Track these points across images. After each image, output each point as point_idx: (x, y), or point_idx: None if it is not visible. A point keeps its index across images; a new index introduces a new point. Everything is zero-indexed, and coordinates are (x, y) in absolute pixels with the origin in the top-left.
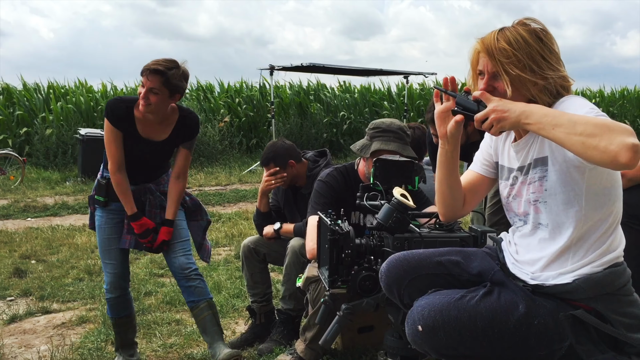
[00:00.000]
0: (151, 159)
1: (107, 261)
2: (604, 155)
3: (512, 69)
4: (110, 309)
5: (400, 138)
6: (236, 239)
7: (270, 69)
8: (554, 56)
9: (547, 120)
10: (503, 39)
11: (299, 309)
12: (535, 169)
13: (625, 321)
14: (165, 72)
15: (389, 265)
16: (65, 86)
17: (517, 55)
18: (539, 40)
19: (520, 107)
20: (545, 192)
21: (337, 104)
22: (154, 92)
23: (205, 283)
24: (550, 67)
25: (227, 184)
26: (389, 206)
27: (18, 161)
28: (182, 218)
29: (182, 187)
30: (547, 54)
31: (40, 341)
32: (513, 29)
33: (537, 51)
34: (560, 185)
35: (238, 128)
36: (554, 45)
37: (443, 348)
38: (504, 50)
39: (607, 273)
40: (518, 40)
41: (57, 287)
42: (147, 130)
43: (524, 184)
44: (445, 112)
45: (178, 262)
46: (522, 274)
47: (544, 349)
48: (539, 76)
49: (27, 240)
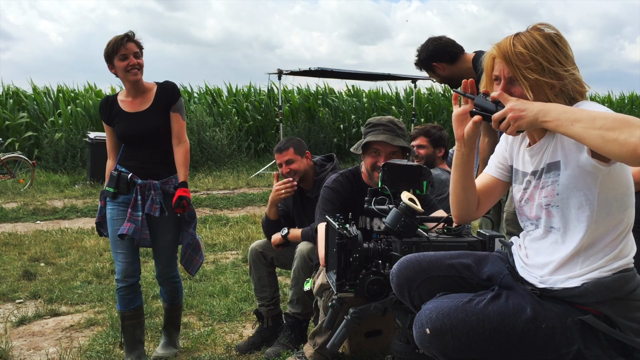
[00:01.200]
0: (146, 134)
1: (117, 251)
2: (624, 148)
3: (530, 74)
4: (120, 300)
5: (390, 130)
6: (244, 243)
7: (279, 74)
8: (569, 60)
9: (566, 117)
10: (519, 43)
11: (306, 313)
12: (548, 173)
13: (634, 326)
14: (132, 37)
15: (400, 267)
16: (74, 90)
17: (534, 59)
18: (554, 44)
19: (537, 106)
20: (557, 197)
21: (345, 109)
22: (137, 56)
23: (181, 288)
24: (566, 70)
25: (235, 187)
26: (397, 210)
27: (27, 164)
28: (174, 224)
29: (184, 150)
30: (562, 58)
31: (49, 343)
32: (528, 34)
33: (553, 55)
34: (573, 190)
35: (246, 132)
36: (569, 50)
37: (451, 351)
38: (521, 55)
39: (616, 277)
40: (534, 44)
41: (66, 290)
42: (132, 106)
43: (537, 188)
44: (463, 114)
45: (159, 268)
46: (531, 278)
47: (552, 353)
48: (555, 78)
49: (36, 243)
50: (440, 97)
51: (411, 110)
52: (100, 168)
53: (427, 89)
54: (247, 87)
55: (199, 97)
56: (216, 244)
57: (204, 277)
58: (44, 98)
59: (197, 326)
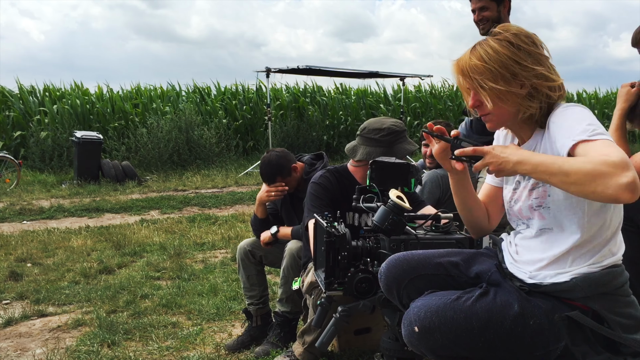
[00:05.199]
0: None
1: None
2: (604, 198)
3: (486, 83)
4: None
5: (389, 143)
6: (232, 242)
7: (267, 72)
8: (532, 57)
9: (542, 170)
10: (475, 56)
11: (296, 311)
12: None
13: (622, 321)
14: None
15: (389, 265)
16: (61, 89)
17: (489, 68)
18: (510, 45)
19: (513, 158)
20: (548, 198)
21: (333, 107)
22: None
23: None
24: (526, 69)
25: (224, 186)
26: (385, 208)
27: (14, 164)
28: None
29: None
30: (522, 58)
31: (36, 344)
32: (485, 42)
33: (509, 58)
34: (563, 191)
35: (235, 130)
36: (532, 46)
37: (439, 349)
38: (476, 67)
39: (604, 273)
40: (489, 53)
41: (53, 290)
42: None
43: (526, 189)
44: (443, 151)
45: None
46: (520, 273)
47: (540, 349)
48: (515, 84)
49: (23, 243)
50: (428, 95)
51: (399, 108)
52: (87, 167)
53: (415, 86)
54: (235, 86)
55: (187, 96)
56: (205, 242)
57: (193, 276)
58: (30, 97)
59: (185, 325)
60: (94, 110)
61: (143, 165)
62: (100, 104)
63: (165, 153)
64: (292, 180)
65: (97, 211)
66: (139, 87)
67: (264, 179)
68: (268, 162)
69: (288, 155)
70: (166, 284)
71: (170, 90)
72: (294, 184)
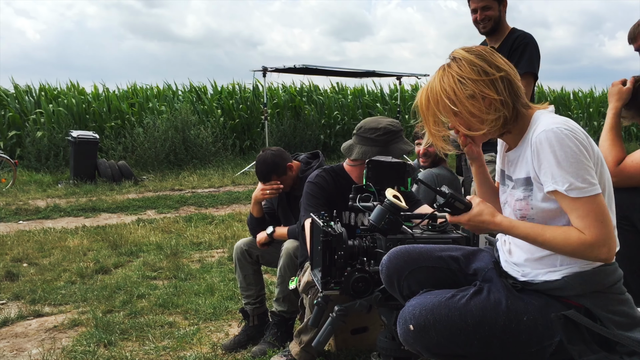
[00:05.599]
0: None
1: None
2: (592, 261)
3: (447, 112)
4: None
5: (386, 142)
6: (229, 241)
7: (263, 71)
8: (494, 67)
9: (523, 238)
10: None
11: (292, 311)
12: (520, 187)
13: (616, 319)
14: None
15: (390, 257)
16: (57, 88)
17: (442, 100)
18: (465, 65)
19: (489, 226)
20: (531, 211)
21: (330, 106)
22: None
23: None
24: (477, 104)
25: (220, 185)
26: (382, 207)
27: (9, 164)
28: None
29: None
30: (481, 71)
31: (32, 345)
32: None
33: (467, 78)
34: (547, 203)
35: (231, 130)
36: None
37: (435, 347)
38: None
39: (596, 271)
40: (443, 86)
41: (49, 291)
42: None
43: (512, 197)
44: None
45: None
46: (513, 272)
47: (534, 346)
48: (476, 119)
49: (19, 243)
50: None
51: (396, 107)
52: (83, 167)
53: (412, 86)
54: (232, 85)
55: (183, 95)
56: (202, 242)
57: (190, 275)
58: (26, 97)
59: (182, 325)
60: (90, 110)
61: (139, 164)
62: (97, 104)
63: (161, 152)
64: (287, 179)
65: (94, 211)
66: (135, 86)
67: (259, 178)
68: (263, 161)
69: (283, 153)
70: (163, 283)
71: (167, 89)
72: (289, 183)
